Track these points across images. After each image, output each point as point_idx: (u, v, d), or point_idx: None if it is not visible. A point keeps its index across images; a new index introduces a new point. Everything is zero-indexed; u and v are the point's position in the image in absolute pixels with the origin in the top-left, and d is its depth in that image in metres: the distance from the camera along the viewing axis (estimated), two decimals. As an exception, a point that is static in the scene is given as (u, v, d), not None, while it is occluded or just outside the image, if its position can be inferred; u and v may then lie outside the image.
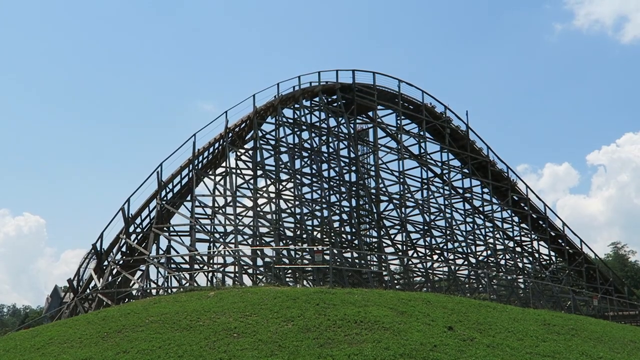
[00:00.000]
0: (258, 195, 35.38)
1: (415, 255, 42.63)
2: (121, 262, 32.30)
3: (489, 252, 46.53)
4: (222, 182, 35.62)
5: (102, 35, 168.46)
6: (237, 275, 31.43)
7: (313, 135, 39.14)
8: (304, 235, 36.47)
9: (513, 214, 49.40)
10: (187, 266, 32.31)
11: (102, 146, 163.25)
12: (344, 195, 40.06)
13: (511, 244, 48.88)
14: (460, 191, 46.94)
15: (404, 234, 41.78)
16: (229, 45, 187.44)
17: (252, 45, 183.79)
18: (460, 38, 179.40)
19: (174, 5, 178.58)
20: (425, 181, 44.09)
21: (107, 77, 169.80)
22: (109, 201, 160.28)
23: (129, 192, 33.54)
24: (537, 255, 50.32)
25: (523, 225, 49.77)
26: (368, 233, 42.15)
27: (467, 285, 42.96)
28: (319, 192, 38.90)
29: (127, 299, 28.68)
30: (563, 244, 50.59)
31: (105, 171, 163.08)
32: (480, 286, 41.16)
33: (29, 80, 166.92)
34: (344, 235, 40.45)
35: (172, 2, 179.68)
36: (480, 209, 47.54)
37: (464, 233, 44.99)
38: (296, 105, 38.75)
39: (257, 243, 33.73)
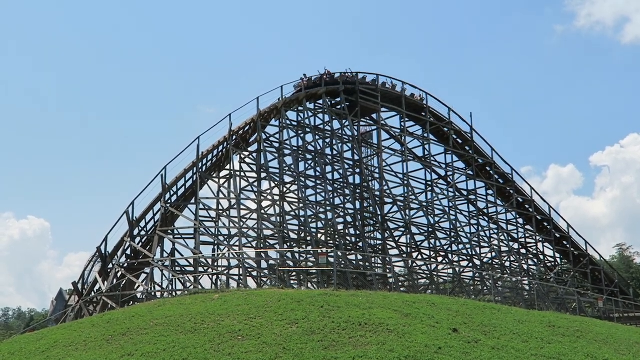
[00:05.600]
0: (262, 197, 35.44)
1: (419, 257, 42.55)
2: (126, 265, 32.36)
3: (493, 254, 46.43)
4: (226, 185, 35.66)
5: (105, 37, 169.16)
6: (242, 277, 31.43)
7: (317, 137, 39.17)
8: (308, 238, 36.47)
9: (518, 216, 49.26)
10: (192, 269, 32.34)
11: (106, 149, 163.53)
12: (348, 198, 40.03)
13: (516, 246, 48.78)
14: (465, 193, 46.85)
15: (409, 236, 41.72)
16: (233, 49, 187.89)
17: (255, 48, 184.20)
18: (463, 41, 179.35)
19: (176, 8, 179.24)
20: (430, 183, 44.02)
21: (110, 80, 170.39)
22: (113, 204, 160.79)
23: (133, 195, 33.55)
24: (542, 257, 50.19)
25: (528, 227, 49.65)
26: (372, 235, 42.10)
27: (471, 288, 42.85)
28: (323, 194, 38.95)
29: (131, 302, 28.67)
30: (568, 246, 50.40)
31: (109, 174, 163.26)
32: (485, 288, 41.08)
33: (31, 82, 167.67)
34: (348, 238, 40.40)
35: (174, 4, 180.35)
36: (485, 210, 47.46)
37: (469, 235, 44.89)
38: (300, 108, 38.80)
39: (262, 245, 33.76)
